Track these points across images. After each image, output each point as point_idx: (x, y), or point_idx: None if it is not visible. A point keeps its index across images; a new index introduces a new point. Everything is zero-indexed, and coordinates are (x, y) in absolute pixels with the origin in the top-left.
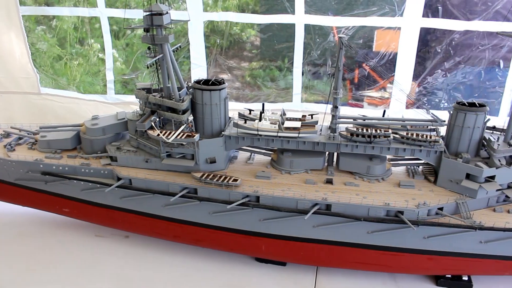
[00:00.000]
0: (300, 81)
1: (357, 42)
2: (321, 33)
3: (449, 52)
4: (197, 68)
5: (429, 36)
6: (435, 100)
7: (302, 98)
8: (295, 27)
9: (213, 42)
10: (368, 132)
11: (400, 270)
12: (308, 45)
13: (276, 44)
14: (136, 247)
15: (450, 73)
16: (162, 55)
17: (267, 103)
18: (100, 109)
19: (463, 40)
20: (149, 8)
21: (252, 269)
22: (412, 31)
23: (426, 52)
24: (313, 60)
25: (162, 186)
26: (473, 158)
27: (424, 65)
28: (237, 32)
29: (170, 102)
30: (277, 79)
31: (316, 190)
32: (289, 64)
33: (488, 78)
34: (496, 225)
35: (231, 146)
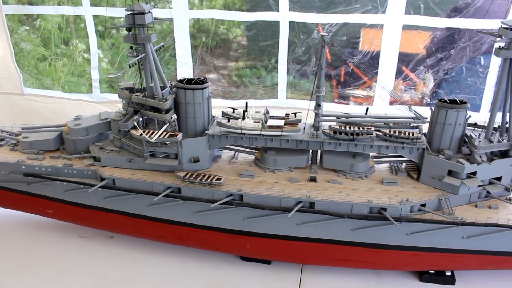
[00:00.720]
0: (285, 78)
1: (341, 39)
2: (305, 30)
3: (431, 49)
4: (183, 66)
5: (413, 33)
6: (418, 96)
7: (287, 95)
8: (280, 24)
9: (200, 42)
10: (351, 130)
11: (384, 267)
12: (292, 42)
13: (261, 41)
14: (121, 248)
15: (432, 70)
16: (145, 54)
17: (253, 100)
18: (85, 108)
19: (444, 37)
20: (131, 7)
21: (237, 268)
22: (395, 28)
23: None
24: (297, 57)
25: (146, 186)
26: (455, 154)
27: (407, 62)
28: (224, 32)
29: (153, 102)
30: (263, 78)
31: (300, 188)
32: (275, 63)
33: (469, 74)
34: (478, 220)
35: (214, 145)
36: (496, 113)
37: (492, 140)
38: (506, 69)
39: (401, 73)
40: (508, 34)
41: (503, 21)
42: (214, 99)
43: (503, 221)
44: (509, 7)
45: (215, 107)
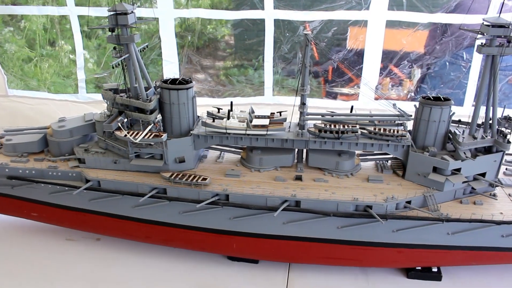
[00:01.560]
0: (271, 75)
1: (326, 35)
2: (290, 28)
3: (414, 44)
4: (169, 65)
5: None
6: (403, 92)
7: (274, 92)
8: (265, 22)
9: (186, 41)
10: (336, 128)
11: (371, 264)
12: (278, 39)
13: (247, 39)
14: (108, 249)
15: (416, 64)
16: (128, 55)
17: (240, 97)
18: (72, 108)
19: (427, 32)
20: (113, 8)
21: (225, 268)
22: (378, 24)
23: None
24: (283, 54)
25: (131, 187)
26: (440, 151)
27: (391, 57)
28: (211, 31)
29: (137, 102)
30: (250, 76)
31: (286, 187)
32: (262, 61)
33: (452, 69)
34: (463, 216)
35: (200, 145)
36: (480, 109)
37: (476, 137)
38: (488, 65)
39: (387, 70)
40: (489, 31)
41: (484, 18)
42: (201, 98)
43: (487, 216)
44: (490, 2)
45: (202, 105)
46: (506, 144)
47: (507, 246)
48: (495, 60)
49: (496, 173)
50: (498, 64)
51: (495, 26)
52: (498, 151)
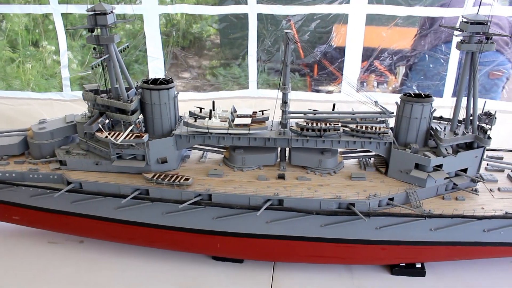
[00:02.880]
0: (255, 69)
1: (308, 29)
2: (273, 22)
3: (394, 37)
4: (154, 61)
5: (375, 22)
6: (388, 89)
7: (258, 85)
8: (248, 16)
9: (172, 40)
10: (318, 126)
11: (355, 261)
12: (261, 33)
13: (231, 34)
14: (91, 252)
15: (396, 57)
16: (108, 55)
17: (224, 91)
18: (56, 107)
19: (405, 25)
20: (92, 8)
21: (209, 268)
22: (359, 17)
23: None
24: (267, 48)
25: (113, 189)
26: (422, 148)
27: (371, 52)
28: (197, 30)
29: (118, 103)
30: (235, 71)
31: (268, 186)
32: (245, 55)
33: (431, 61)
34: (445, 212)
35: (182, 145)
36: (460, 106)
37: (457, 133)
38: (467, 62)
39: (369, 64)
40: (468, 28)
41: (463, 15)
42: (186, 92)
43: (469, 212)
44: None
45: (187, 100)
46: (487, 139)
47: (488, 241)
48: (474, 57)
49: (477, 168)
50: (478, 61)
51: (473, 23)
52: (479, 147)
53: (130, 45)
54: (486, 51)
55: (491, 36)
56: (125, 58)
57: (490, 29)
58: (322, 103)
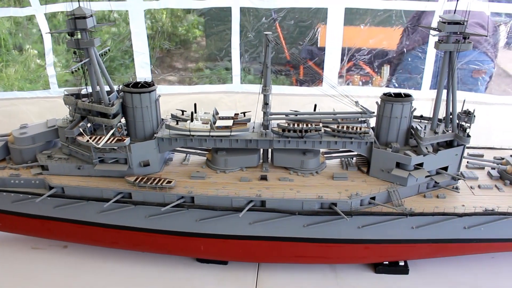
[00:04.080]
0: (238, 62)
1: (288, 23)
2: (256, 15)
3: (373, 31)
4: (140, 56)
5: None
6: (369, 83)
7: (242, 79)
8: (231, 10)
9: (158, 43)
10: (299, 127)
11: (339, 261)
12: (244, 27)
13: (214, 26)
14: (75, 256)
15: (375, 51)
16: (88, 59)
17: (208, 85)
18: (44, 105)
19: (384, 18)
20: (71, 12)
21: (193, 270)
22: (338, 11)
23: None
24: (249, 41)
25: (96, 193)
26: (403, 147)
27: (355, 50)
28: (183, 33)
29: (99, 107)
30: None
31: (251, 187)
32: (230, 49)
33: (410, 55)
34: (426, 210)
35: (164, 148)
36: (440, 105)
37: (437, 131)
38: (446, 61)
39: (346, 59)
40: (445, 28)
41: (441, 15)
42: (172, 86)
43: (449, 209)
44: None
45: (174, 94)
46: (466, 138)
47: (469, 238)
48: (452, 56)
49: (458, 166)
50: (456, 60)
51: (450, 23)
52: (459, 145)
53: (111, 48)
54: (464, 50)
55: (468, 36)
56: (111, 55)
57: (467, 28)
58: (305, 97)
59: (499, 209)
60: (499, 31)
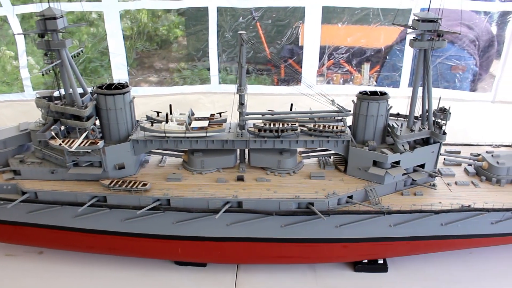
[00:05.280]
0: (216, 62)
1: (266, 22)
2: (233, 14)
3: (351, 29)
4: (116, 57)
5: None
6: (350, 81)
7: (220, 80)
8: (208, 10)
9: (138, 43)
10: (275, 127)
11: (317, 260)
12: (221, 27)
13: (191, 26)
14: (52, 262)
15: (353, 49)
16: (60, 61)
17: (187, 86)
18: (18, 108)
19: (361, 17)
20: (41, 12)
21: (172, 273)
22: (315, 9)
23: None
24: (227, 41)
25: (70, 197)
26: (380, 145)
27: (334, 48)
28: (164, 33)
29: (72, 109)
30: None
31: (227, 188)
32: (207, 49)
33: (388, 53)
34: (403, 208)
35: (140, 150)
36: (416, 102)
37: (414, 129)
38: (421, 59)
39: (324, 57)
40: (419, 26)
41: (415, 13)
42: (150, 87)
43: (426, 206)
44: None
45: (152, 95)
46: (442, 135)
47: (446, 234)
48: (427, 54)
49: (434, 163)
50: (430, 58)
51: (424, 21)
52: (436, 142)
53: (84, 50)
54: (438, 48)
55: (442, 34)
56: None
57: (441, 26)
58: (285, 96)
59: (475, 205)
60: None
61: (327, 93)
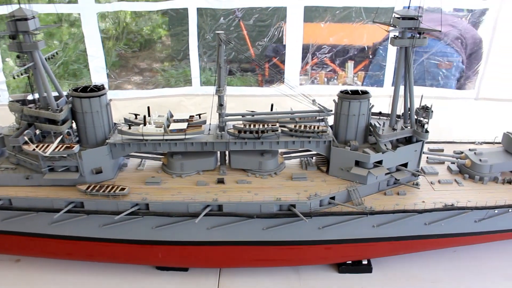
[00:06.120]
0: (197, 64)
1: (248, 23)
2: (213, 15)
3: (333, 28)
4: (95, 60)
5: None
6: (334, 79)
7: (202, 81)
8: (188, 11)
9: (120, 42)
10: (255, 128)
11: (301, 263)
12: (201, 28)
13: (171, 28)
14: (29, 270)
15: (336, 48)
16: (33, 63)
17: (168, 88)
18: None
19: (344, 16)
20: (11, 13)
21: (153, 278)
22: (297, 9)
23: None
24: (207, 42)
25: (46, 203)
26: (362, 144)
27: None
28: (148, 33)
29: (47, 113)
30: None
31: (207, 191)
32: (188, 51)
33: (371, 52)
34: (386, 208)
35: (117, 154)
36: (398, 101)
37: (396, 128)
38: (402, 57)
39: (307, 57)
40: (400, 23)
41: (395, 11)
42: (131, 90)
43: (410, 206)
44: None
45: (133, 98)
46: (425, 133)
47: (430, 233)
48: (408, 52)
49: (417, 162)
50: (411, 56)
51: (405, 19)
52: (418, 141)
53: (58, 52)
54: (418, 46)
55: (423, 31)
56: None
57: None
58: (269, 98)
59: (459, 204)
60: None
61: (312, 93)
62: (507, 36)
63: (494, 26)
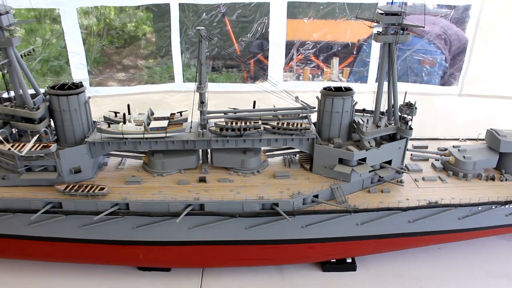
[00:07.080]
0: (180, 61)
1: (231, 18)
2: (195, 11)
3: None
4: (75, 56)
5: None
6: (319, 75)
7: (185, 78)
8: (170, 6)
9: (106, 40)
10: (237, 126)
11: (284, 262)
12: (184, 24)
13: (153, 24)
14: (7, 273)
15: (320, 45)
16: (8, 60)
17: (150, 85)
18: None
19: (327, 11)
20: None
21: (135, 279)
22: (280, 4)
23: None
24: (190, 38)
25: (23, 204)
26: (346, 142)
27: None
28: (132, 30)
29: (23, 112)
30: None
31: (189, 190)
32: (170, 47)
33: (356, 48)
34: (370, 206)
35: (97, 153)
36: (381, 98)
37: (380, 125)
38: (385, 53)
39: (292, 54)
40: (383, 19)
41: (378, 7)
42: (113, 87)
43: (394, 204)
44: None
45: (115, 95)
46: (408, 130)
47: (414, 231)
48: (392, 48)
49: (401, 159)
50: (395, 52)
51: (388, 14)
52: (402, 138)
53: (38, 47)
54: (402, 42)
55: (406, 27)
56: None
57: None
58: (253, 94)
59: (442, 201)
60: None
61: (297, 89)
62: (490, 32)
63: (477, 22)
